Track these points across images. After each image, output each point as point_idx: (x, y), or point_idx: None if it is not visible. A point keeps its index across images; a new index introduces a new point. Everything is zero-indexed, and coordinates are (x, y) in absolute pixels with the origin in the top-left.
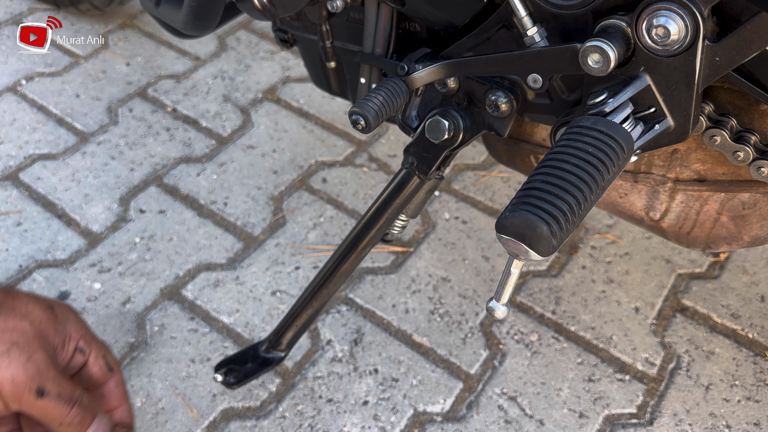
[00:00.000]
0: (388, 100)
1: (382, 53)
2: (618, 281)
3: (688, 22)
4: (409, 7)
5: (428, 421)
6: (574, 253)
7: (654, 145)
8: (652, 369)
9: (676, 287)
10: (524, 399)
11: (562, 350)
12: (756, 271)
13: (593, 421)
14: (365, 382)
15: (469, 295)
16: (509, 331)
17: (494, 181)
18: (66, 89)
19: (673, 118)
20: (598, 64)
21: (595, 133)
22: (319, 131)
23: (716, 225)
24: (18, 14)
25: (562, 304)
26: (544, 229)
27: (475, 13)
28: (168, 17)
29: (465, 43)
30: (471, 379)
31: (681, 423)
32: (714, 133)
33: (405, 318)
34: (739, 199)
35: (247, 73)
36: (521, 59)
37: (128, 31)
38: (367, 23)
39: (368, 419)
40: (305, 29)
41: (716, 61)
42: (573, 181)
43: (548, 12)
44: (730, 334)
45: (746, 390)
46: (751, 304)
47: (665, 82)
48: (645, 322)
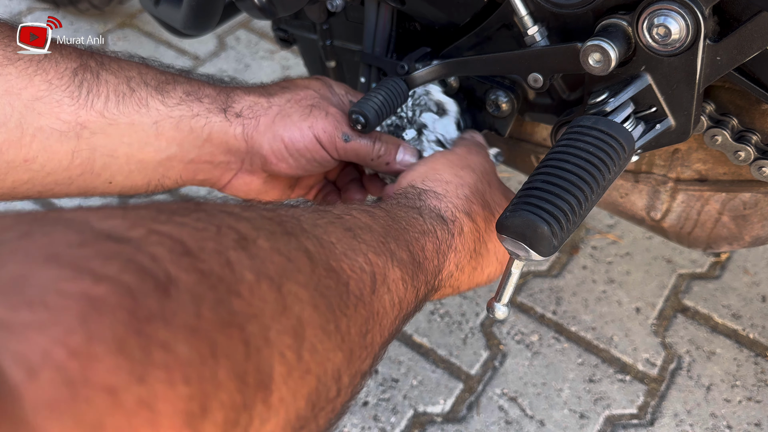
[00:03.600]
0: (388, 99)
1: (381, 52)
2: (619, 281)
3: (689, 22)
4: (410, 6)
5: (428, 421)
6: (575, 253)
7: (655, 145)
8: (653, 369)
9: (677, 287)
10: (525, 399)
11: (562, 350)
12: (757, 271)
13: (594, 421)
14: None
15: (470, 296)
16: (510, 331)
17: None
18: None
19: (674, 118)
20: (599, 63)
21: (595, 132)
22: None
23: (717, 225)
24: (17, 13)
25: (563, 305)
26: (544, 229)
27: (475, 13)
28: (167, 16)
29: (465, 43)
30: (471, 379)
31: (682, 423)
32: (715, 132)
33: None
34: (740, 199)
35: (247, 72)
36: (522, 58)
37: (127, 31)
38: (367, 22)
39: (368, 420)
40: (305, 28)
41: (717, 60)
42: (574, 180)
43: (549, 11)
44: (731, 334)
45: (747, 390)
46: (752, 305)
47: (666, 81)
48: (646, 322)
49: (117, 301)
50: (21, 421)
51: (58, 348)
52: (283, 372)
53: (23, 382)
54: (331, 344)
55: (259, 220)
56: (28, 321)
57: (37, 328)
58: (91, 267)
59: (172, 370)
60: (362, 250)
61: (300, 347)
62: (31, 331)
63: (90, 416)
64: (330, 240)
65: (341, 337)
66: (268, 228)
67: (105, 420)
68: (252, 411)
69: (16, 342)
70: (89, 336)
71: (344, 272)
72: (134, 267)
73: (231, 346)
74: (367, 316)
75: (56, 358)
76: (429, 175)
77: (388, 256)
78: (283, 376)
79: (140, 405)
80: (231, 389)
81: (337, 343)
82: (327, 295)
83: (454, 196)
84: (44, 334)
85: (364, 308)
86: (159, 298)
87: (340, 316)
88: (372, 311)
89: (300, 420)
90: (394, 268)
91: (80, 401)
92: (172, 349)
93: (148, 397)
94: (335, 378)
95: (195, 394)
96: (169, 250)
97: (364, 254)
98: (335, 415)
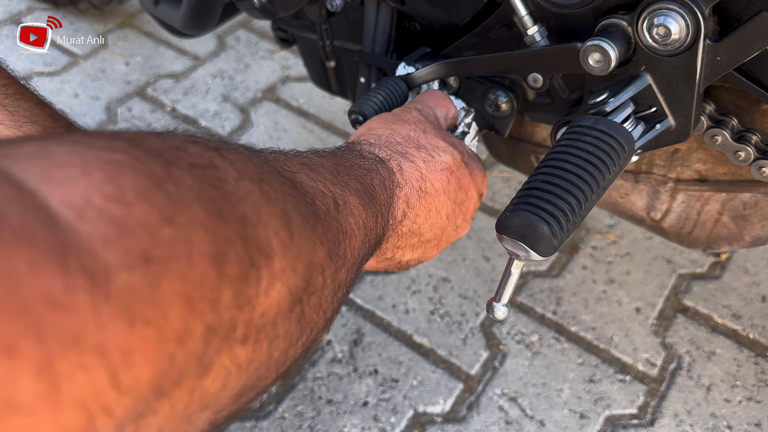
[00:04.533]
0: (388, 99)
1: (381, 52)
2: (619, 281)
3: (689, 22)
4: (409, 6)
5: (428, 421)
6: (575, 254)
7: (655, 145)
8: (653, 369)
9: (677, 287)
10: (525, 400)
11: (562, 351)
12: (757, 271)
13: (594, 421)
14: (365, 382)
15: (470, 296)
16: (510, 331)
17: (495, 181)
18: (65, 89)
19: (674, 118)
20: (599, 63)
21: (595, 132)
22: (319, 131)
23: (717, 225)
24: (17, 13)
25: (563, 305)
26: (544, 229)
27: (475, 12)
28: (167, 16)
29: (465, 43)
30: (471, 379)
31: (682, 424)
32: (715, 132)
33: (405, 318)
34: (741, 199)
35: (247, 72)
36: (522, 58)
37: (127, 31)
38: (367, 22)
39: (368, 420)
40: (305, 28)
41: (717, 60)
42: (574, 181)
43: (549, 11)
44: (731, 334)
45: (747, 390)
46: (752, 305)
47: (666, 81)
48: (646, 322)
49: (132, 165)
50: (82, 248)
51: (96, 194)
52: (279, 246)
53: (75, 221)
54: (314, 238)
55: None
56: (63, 176)
57: (73, 180)
58: (100, 143)
59: (193, 218)
60: (320, 180)
61: (290, 230)
62: (68, 182)
63: (138, 246)
64: (291, 170)
65: (319, 236)
66: (237, 147)
67: (149, 252)
68: (259, 271)
69: (59, 190)
70: (119, 186)
71: (308, 194)
72: (139, 149)
73: (233, 213)
74: (338, 229)
75: (97, 202)
76: (363, 133)
77: (344, 185)
78: (281, 250)
79: (175, 241)
80: (239, 247)
81: (318, 237)
82: (300, 203)
83: (386, 143)
84: (81, 185)
85: (334, 223)
86: (164, 166)
87: (315, 221)
88: (340, 228)
89: (298, 293)
90: (351, 195)
91: (127, 235)
92: (188, 203)
93: (180, 235)
94: (320, 270)
95: (214, 241)
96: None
97: (323, 183)
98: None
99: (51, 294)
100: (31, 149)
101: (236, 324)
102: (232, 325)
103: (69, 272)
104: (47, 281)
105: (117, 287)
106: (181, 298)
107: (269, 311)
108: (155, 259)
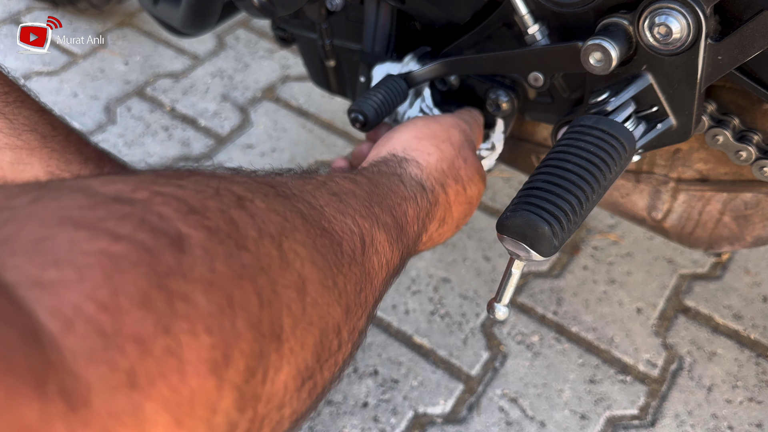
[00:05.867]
0: (388, 98)
1: (381, 52)
2: (620, 282)
3: (690, 21)
4: (409, 5)
5: (429, 422)
6: (576, 254)
7: (656, 145)
8: (654, 370)
9: (678, 288)
10: (525, 400)
11: (563, 351)
12: (758, 271)
13: (595, 422)
14: (365, 383)
15: (470, 296)
16: (510, 332)
17: (495, 181)
18: (64, 88)
19: (675, 118)
20: (600, 62)
21: (596, 132)
22: (319, 130)
23: (719, 225)
24: (16, 13)
25: (564, 305)
26: (545, 229)
27: (475, 11)
28: (166, 15)
29: (466, 42)
30: (472, 380)
31: (683, 424)
32: (716, 132)
33: (405, 319)
34: (742, 199)
35: (246, 71)
36: (522, 58)
37: (126, 30)
38: (367, 21)
39: (368, 421)
40: (304, 27)
41: (718, 60)
42: (575, 180)
43: (549, 10)
44: (732, 334)
45: (748, 391)
46: (754, 305)
47: (667, 81)
48: (647, 322)
49: (137, 258)
50: (63, 368)
51: (87, 302)
52: (291, 323)
53: (60, 333)
54: (330, 299)
55: (252, 183)
56: (57, 279)
57: (66, 285)
58: (106, 227)
59: (195, 321)
60: (350, 213)
61: (303, 300)
62: (60, 287)
63: (123, 364)
64: (319, 203)
65: (339, 292)
66: (261, 191)
67: (137, 368)
68: (268, 360)
69: (48, 298)
70: (115, 291)
71: (336, 233)
72: (147, 226)
73: (245, 297)
74: (360, 274)
75: (87, 312)
76: (411, 144)
77: (374, 219)
78: (292, 328)
79: (167, 353)
80: (249, 339)
81: (335, 297)
82: (323, 252)
83: (434, 169)
84: (73, 291)
85: (357, 267)
86: (174, 254)
87: (336, 273)
88: (364, 271)
89: (308, 370)
90: (380, 231)
91: (113, 350)
92: (192, 302)
93: (174, 346)
94: (336, 332)
95: (217, 344)
96: (175, 209)
97: (352, 217)
98: (338, 368)
99: (26, 425)
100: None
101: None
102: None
103: (46, 398)
104: (23, 411)
105: (96, 411)
106: (169, 418)
107: (274, 398)
108: (141, 376)
